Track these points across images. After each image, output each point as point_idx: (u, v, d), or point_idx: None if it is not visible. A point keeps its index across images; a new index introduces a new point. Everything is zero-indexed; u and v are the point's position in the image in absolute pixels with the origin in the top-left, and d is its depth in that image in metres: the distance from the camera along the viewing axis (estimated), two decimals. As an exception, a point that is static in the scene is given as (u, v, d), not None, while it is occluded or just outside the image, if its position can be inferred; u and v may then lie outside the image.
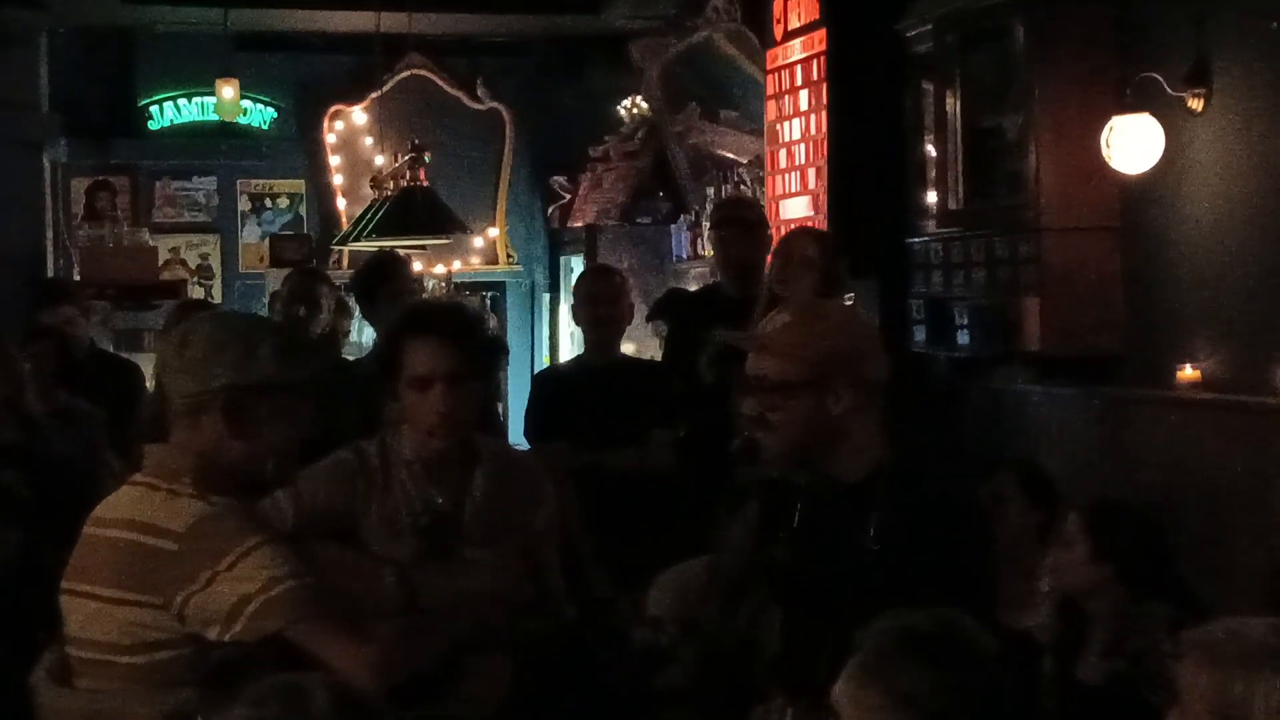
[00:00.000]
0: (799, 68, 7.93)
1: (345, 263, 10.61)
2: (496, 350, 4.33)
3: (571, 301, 6.30)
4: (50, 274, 9.37)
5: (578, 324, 6.42)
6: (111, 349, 8.28)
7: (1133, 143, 5.31)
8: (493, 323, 10.90)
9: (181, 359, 2.93)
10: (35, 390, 5.60)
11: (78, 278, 9.53)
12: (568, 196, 11.14)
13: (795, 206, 8.03)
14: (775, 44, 8.07)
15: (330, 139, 11.18)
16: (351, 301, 7.65)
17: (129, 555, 2.84)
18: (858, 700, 2.43)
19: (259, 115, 11.14)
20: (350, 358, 6.62)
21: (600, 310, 6.06)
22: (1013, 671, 2.50)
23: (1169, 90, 5.28)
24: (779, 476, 3.33)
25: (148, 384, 6.62)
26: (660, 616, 3.80)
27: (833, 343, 3.17)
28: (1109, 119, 5.35)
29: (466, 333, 3.58)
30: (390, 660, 2.88)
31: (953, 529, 3.14)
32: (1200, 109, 5.27)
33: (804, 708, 2.84)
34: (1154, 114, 5.28)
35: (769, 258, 5.92)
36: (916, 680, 2.39)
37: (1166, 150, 5.29)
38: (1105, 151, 5.36)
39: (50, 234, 9.60)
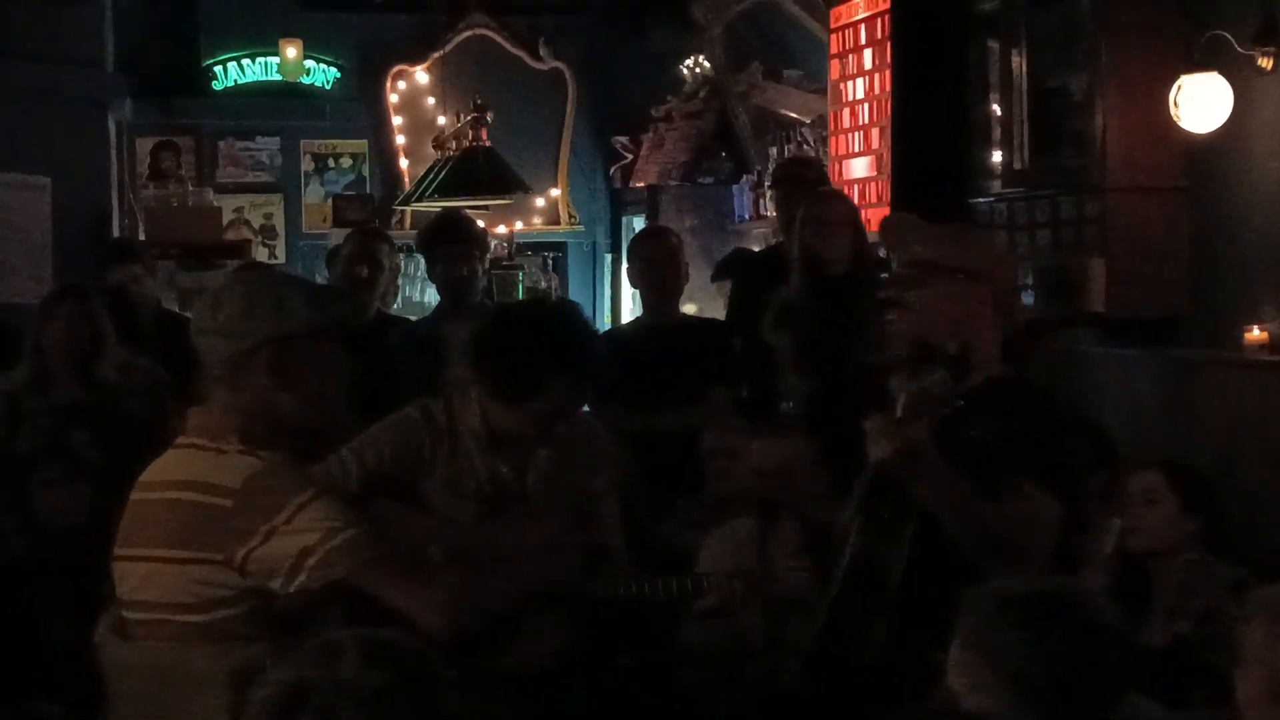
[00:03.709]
0: (863, 26, 7.88)
1: (408, 223, 10.63)
2: None
3: (628, 264, 6.28)
4: (116, 234, 9.42)
5: (634, 286, 6.40)
6: (176, 309, 8.34)
7: (1201, 102, 5.24)
8: (554, 284, 10.90)
9: (216, 322, 2.95)
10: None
11: (143, 237, 9.59)
12: (630, 156, 11.11)
13: (858, 166, 8.00)
14: (839, 2, 8.02)
15: (393, 99, 11.19)
16: (409, 264, 7.67)
17: (186, 514, 2.87)
18: (962, 665, 2.45)
19: (322, 75, 11.16)
20: (412, 318, 6.61)
21: (655, 272, 6.04)
22: (1119, 636, 2.51)
23: (1238, 49, 5.20)
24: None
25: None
26: (728, 573, 3.80)
27: (984, 244, 3.68)
28: (1177, 78, 5.28)
29: None
30: (458, 602, 2.92)
31: (1057, 430, 3.39)
32: (1270, 68, 5.19)
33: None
34: (1223, 73, 5.21)
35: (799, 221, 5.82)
36: (1016, 645, 2.40)
37: (1235, 110, 5.22)
38: (1173, 111, 5.29)
39: (115, 194, 9.65)
